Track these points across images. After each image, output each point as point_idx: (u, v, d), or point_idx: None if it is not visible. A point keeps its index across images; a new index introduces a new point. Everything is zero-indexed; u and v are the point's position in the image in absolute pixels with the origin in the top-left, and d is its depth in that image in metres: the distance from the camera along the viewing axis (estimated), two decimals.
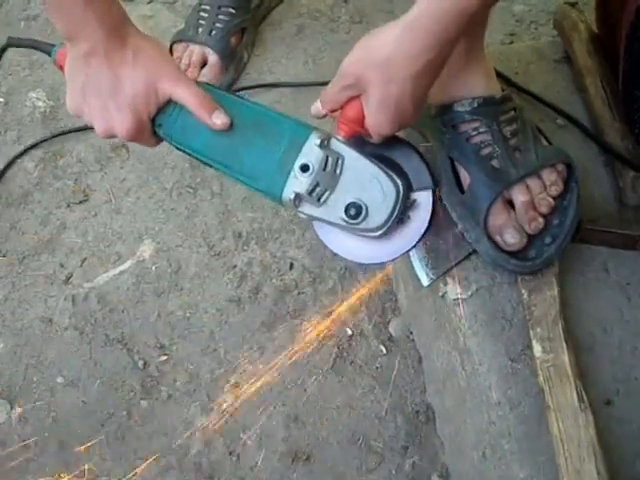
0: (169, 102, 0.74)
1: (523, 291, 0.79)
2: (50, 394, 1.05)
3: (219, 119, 0.72)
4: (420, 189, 0.74)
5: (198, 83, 0.75)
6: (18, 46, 0.84)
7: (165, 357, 1.07)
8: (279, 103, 1.26)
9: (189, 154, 0.76)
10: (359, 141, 0.72)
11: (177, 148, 0.77)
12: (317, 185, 0.70)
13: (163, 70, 0.72)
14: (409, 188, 0.73)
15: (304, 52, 1.33)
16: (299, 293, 1.11)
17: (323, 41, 1.34)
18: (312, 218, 0.74)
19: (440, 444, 0.99)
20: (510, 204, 0.78)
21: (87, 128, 1.24)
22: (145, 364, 1.07)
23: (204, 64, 1.27)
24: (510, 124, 0.80)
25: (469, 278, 0.82)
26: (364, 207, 0.71)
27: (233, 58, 1.28)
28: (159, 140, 0.78)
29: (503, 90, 0.84)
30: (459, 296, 0.82)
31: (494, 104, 0.80)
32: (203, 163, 0.76)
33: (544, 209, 0.77)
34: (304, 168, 0.69)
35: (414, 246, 0.76)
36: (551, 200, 0.77)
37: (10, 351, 1.09)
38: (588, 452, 0.71)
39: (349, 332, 1.07)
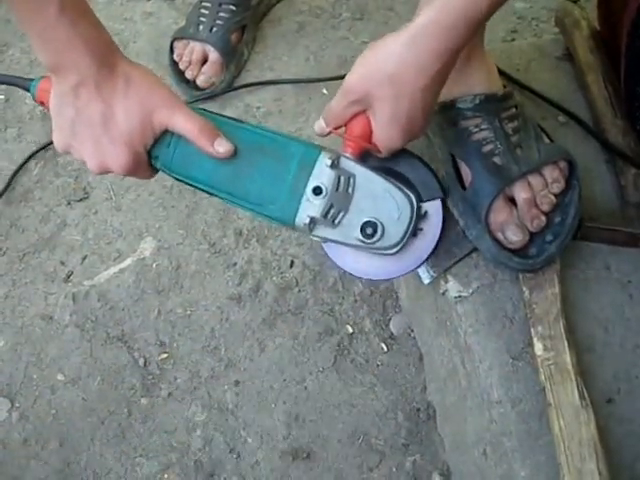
0: (165, 132, 0.70)
1: (524, 289, 0.79)
2: (50, 392, 1.05)
3: (222, 147, 0.68)
4: (429, 199, 0.73)
5: (194, 109, 0.71)
6: None
7: (165, 355, 1.07)
8: (280, 100, 1.26)
9: (190, 184, 0.73)
10: (364, 156, 0.71)
11: (176, 179, 0.73)
12: (331, 207, 0.68)
13: (157, 98, 0.68)
14: (419, 199, 0.72)
15: (305, 49, 1.33)
16: (300, 291, 1.11)
17: (324, 38, 1.34)
18: (326, 240, 0.72)
19: (441, 442, 0.98)
20: (512, 201, 0.78)
21: None
22: (145, 362, 1.07)
23: (205, 61, 1.27)
24: (512, 121, 0.79)
25: (470, 276, 0.82)
26: (380, 225, 0.69)
27: (234, 55, 1.28)
28: (155, 172, 0.74)
29: (505, 87, 0.84)
30: (460, 294, 0.82)
31: (496, 101, 0.80)
32: (207, 193, 0.73)
33: (545, 207, 0.76)
34: (317, 191, 0.67)
35: (428, 257, 0.76)
36: (553, 197, 0.76)
37: (10, 349, 1.09)
38: (589, 450, 0.70)
39: (350, 330, 1.07)
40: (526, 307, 0.79)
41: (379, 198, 0.69)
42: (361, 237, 0.70)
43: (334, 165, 0.68)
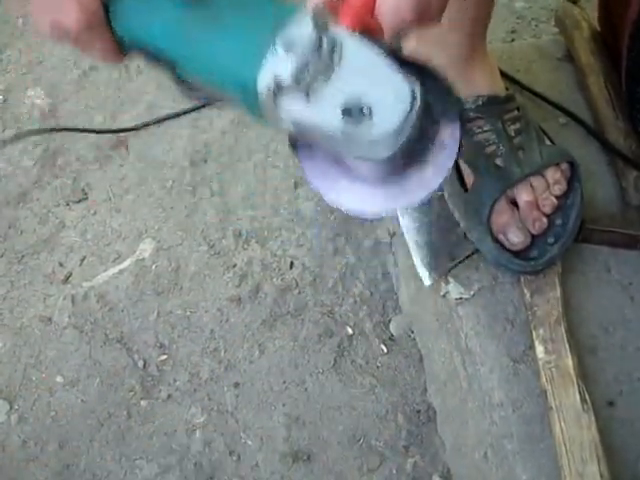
0: None
1: (525, 291, 0.79)
2: (49, 394, 1.05)
3: None
4: (443, 122, 0.56)
5: None
6: None
7: (165, 356, 1.07)
8: None
9: (146, 50, 0.59)
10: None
11: (134, 46, 0.60)
12: (306, 68, 0.51)
13: None
14: (430, 114, 0.55)
15: None
16: (299, 292, 1.10)
17: None
18: (296, 122, 0.54)
19: (441, 444, 0.98)
20: (513, 203, 0.78)
21: (85, 130, 1.24)
22: (145, 363, 1.06)
23: None
24: (514, 123, 0.80)
25: (471, 278, 0.82)
26: (368, 106, 0.51)
27: None
28: (118, 48, 0.61)
29: (507, 89, 0.84)
30: (461, 296, 0.82)
31: (498, 103, 0.80)
32: (161, 60, 0.59)
33: (547, 209, 0.76)
34: (289, 45, 0.51)
35: (431, 193, 0.56)
36: (554, 200, 0.77)
37: (9, 351, 1.08)
38: (590, 453, 0.70)
39: (350, 331, 1.07)
40: (527, 309, 0.79)
41: (371, 76, 0.53)
42: (342, 116, 0.51)
43: (318, 25, 0.51)
